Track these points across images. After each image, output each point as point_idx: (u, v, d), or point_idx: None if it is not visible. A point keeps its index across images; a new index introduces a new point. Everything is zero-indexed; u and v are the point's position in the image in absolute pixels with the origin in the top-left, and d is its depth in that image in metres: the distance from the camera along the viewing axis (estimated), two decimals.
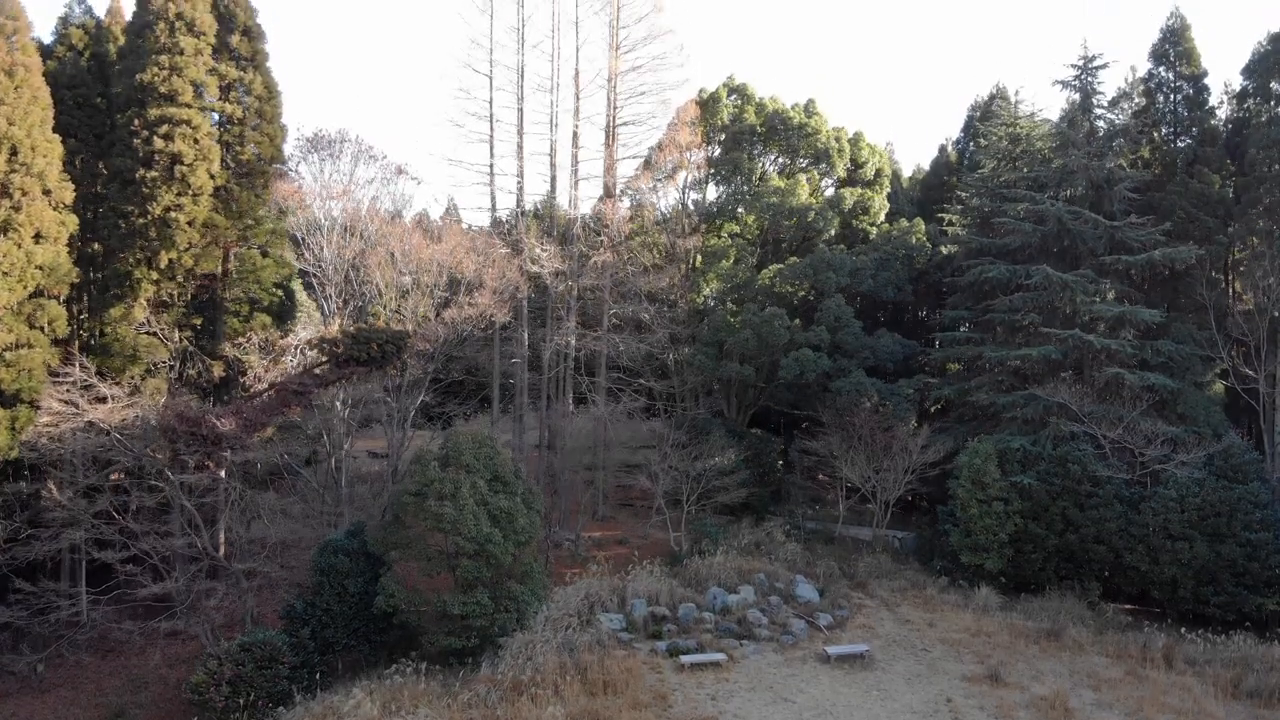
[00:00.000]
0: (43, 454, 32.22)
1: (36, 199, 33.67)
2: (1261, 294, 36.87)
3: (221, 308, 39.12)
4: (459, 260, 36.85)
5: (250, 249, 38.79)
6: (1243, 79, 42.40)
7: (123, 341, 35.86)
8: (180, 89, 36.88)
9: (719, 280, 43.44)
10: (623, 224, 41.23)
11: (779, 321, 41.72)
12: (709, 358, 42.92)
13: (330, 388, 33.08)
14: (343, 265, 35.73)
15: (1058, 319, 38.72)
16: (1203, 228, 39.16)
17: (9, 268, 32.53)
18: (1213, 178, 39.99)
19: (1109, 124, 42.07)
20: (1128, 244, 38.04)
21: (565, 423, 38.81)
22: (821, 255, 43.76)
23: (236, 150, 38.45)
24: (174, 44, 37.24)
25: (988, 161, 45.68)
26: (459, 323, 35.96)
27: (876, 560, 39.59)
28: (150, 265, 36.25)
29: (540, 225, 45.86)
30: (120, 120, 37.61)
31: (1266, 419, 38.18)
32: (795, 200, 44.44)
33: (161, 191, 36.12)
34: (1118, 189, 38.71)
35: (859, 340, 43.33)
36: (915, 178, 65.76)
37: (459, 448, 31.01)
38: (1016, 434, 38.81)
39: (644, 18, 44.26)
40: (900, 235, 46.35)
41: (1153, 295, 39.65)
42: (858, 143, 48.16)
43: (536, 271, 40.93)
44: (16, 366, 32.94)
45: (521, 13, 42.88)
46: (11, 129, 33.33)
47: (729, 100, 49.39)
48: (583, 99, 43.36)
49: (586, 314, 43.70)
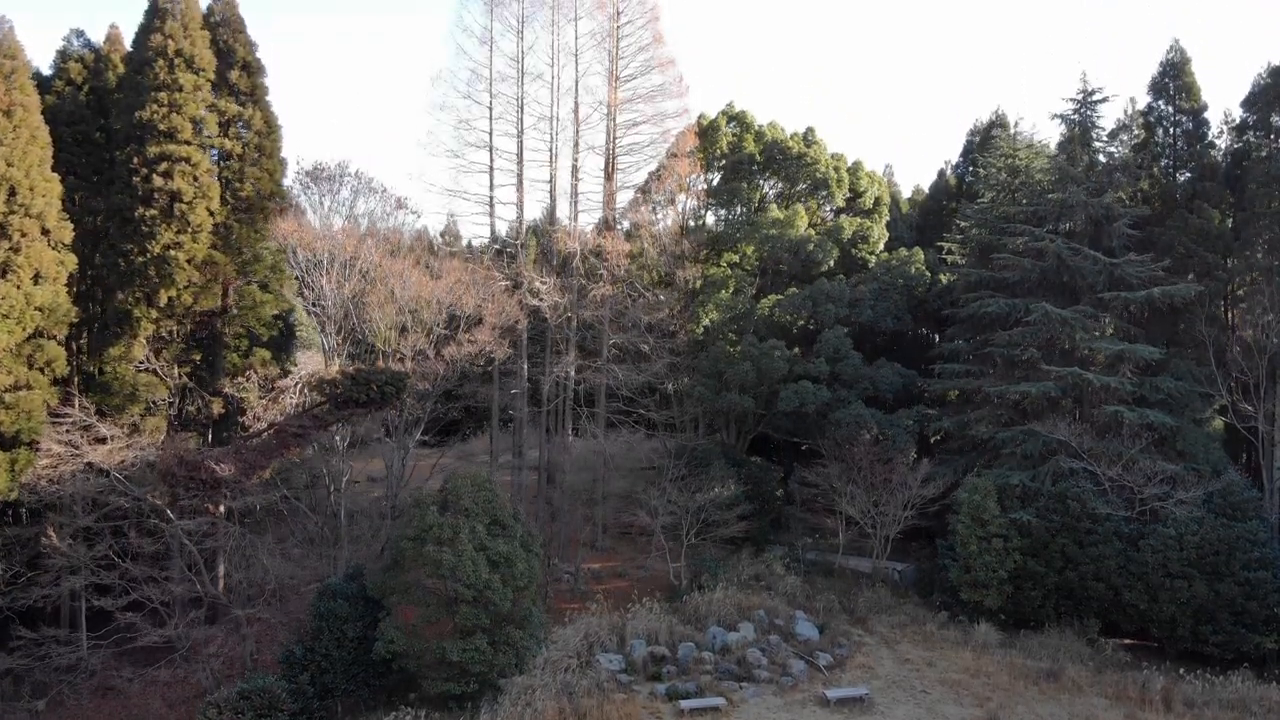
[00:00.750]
0: (42, 496, 32.25)
1: (35, 240, 33.67)
2: (1260, 331, 36.88)
3: (221, 343, 39.12)
4: (458, 297, 36.84)
5: (250, 284, 38.81)
6: (1242, 111, 42.42)
7: (122, 380, 35.87)
8: (179, 126, 36.88)
9: (718, 311, 43.46)
10: (622, 257, 41.21)
11: (778, 353, 41.73)
12: (709, 389, 42.93)
13: (329, 429, 33.05)
14: (343, 301, 35.71)
15: (1057, 353, 38.74)
16: (1202, 263, 39.18)
17: (8, 310, 32.54)
18: (1212, 213, 40.00)
19: (1109, 156, 42.10)
20: (1127, 280, 38.06)
21: (564, 457, 38.81)
22: (820, 287, 43.77)
23: (236, 186, 38.45)
24: (173, 80, 37.23)
25: (986, 192, 45.67)
26: (458, 360, 35.95)
27: (876, 595, 39.58)
28: (150, 303, 36.26)
29: (540, 242, 45.81)
30: (119, 156, 37.61)
31: (1265, 455, 38.19)
32: (794, 232, 44.44)
33: (161, 229, 36.12)
34: (1117, 225, 38.74)
35: (858, 371, 43.35)
36: (915, 199, 65.79)
37: (458, 491, 31.03)
38: (1016, 469, 38.82)
39: (644, 48, 44.31)
40: (899, 265, 46.36)
41: (1152, 330, 39.65)
42: (856, 171, 48.17)
43: (536, 304, 40.93)
44: (16, 408, 32.94)
45: (521, 44, 42.93)
46: (10, 170, 33.32)
47: (728, 128, 49.40)
48: (583, 131, 43.41)
49: (586, 345, 43.72)
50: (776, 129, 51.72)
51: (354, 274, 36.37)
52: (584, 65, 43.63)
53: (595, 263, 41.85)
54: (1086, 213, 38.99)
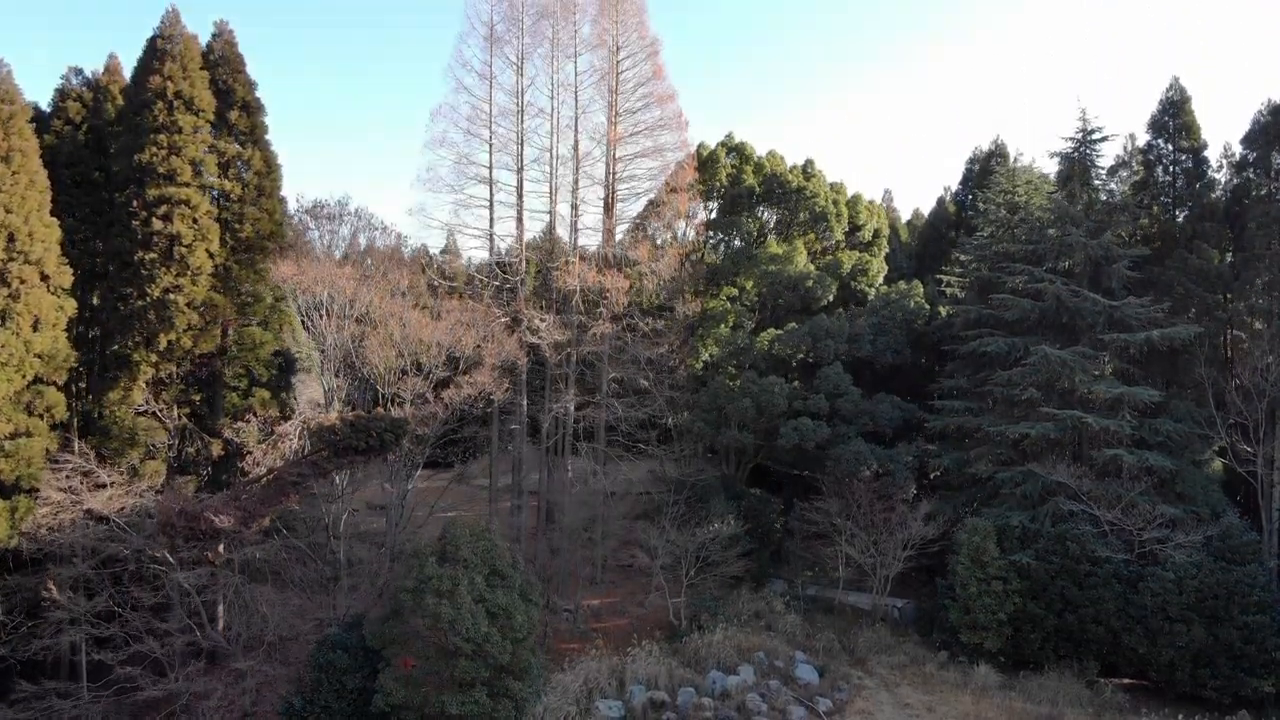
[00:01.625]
0: (42, 544, 32.25)
1: (34, 286, 33.63)
2: (1259, 374, 36.88)
3: (221, 382, 39.13)
4: (458, 338, 36.85)
5: (249, 325, 38.79)
6: (1242, 148, 42.37)
7: (121, 424, 35.87)
8: (179, 168, 36.86)
9: (718, 345, 43.45)
10: (621, 294, 41.21)
11: (778, 390, 41.78)
12: (708, 424, 42.96)
13: (328, 476, 33.05)
14: (343, 343, 35.73)
15: (1056, 393, 38.74)
16: (1201, 303, 39.17)
17: (7, 358, 32.52)
18: (1211, 253, 39.99)
19: (1108, 194, 42.09)
20: (1126, 322, 38.06)
21: (564, 496, 38.83)
22: (820, 323, 43.79)
23: (235, 228, 38.46)
24: (172, 122, 37.21)
25: (985, 226, 45.69)
26: (457, 403, 35.96)
27: (876, 634, 39.58)
28: (149, 347, 36.25)
29: (539, 273, 45.76)
30: (119, 199, 37.62)
31: (1264, 497, 38.19)
32: (793, 268, 44.45)
33: (160, 273, 36.13)
34: (1116, 267, 38.75)
35: (858, 406, 43.38)
36: (915, 224, 65.88)
37: (456, 541, 31.01)
38: (1015, 508, 38.84)
39: (643, 83, 44.30)
40: (899, 298, 46.37)
41: (1151, 370, 39.64)
42: (856, 204, 48.17)
43: (535, 342, 40.94)
44: (16, 456, 32.95)
45: (520, 80, 42.93)
46: (9, 216, 33.28)
47: (727, 160, 49.42)
48: (582, 166, 43.42)
49: (586, 380, 43.74)
50: (776, 159, 51.72)
51: (354, 315, 36.38)
52: (583, 101, 43.69)
53: (595, 298, 41.85)
54: (1086, 253, 39.00)
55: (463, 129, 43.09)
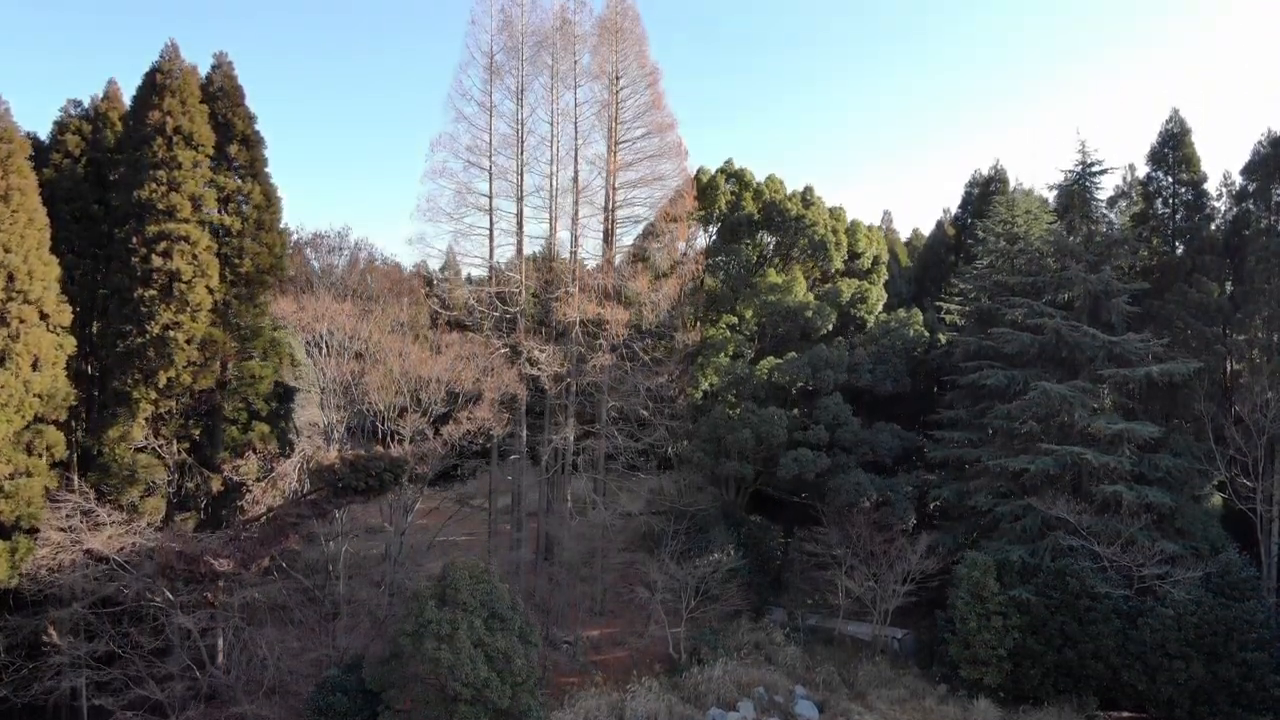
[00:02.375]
0: (42, 585, 32.26)
1: (34, 325, 33.62)
2: (1259, 410, 36.88)
3: (221, 416, 39.05)
4: (458, 374, 36.87)
5: (249, 359, 38.71)
6: (1242, 178, 42.37)
7: (121, 461, 35.81)
8: (178, 204, 36.79)
9: (717, 375, 43.48)
10: (620, 326, 41.23)
11: (778, 420, 41.84)
12: (707, 454, 42.99)
13: (328, 517, 33.08)
14: (344, 380, 35.76)
15: (1056, 427, 38.77)
16: (1201, 337, 39.16)
17: (6, 399, 32.51)
18: (1211, 286, 39.98)
19: (1107, 225, 42.09)
20: (1126, 357, 38.06)
21: (562, 530, 38.85)
22: (819, 353, 43.81)
23: (235, 263, 38.40)
24: (172, 158, 37.15)
25: (985, 256, 45.71)
26: (457, 439, 35.99)
27: (876, 668, 39.59)
28: (148, 384, 36.19)
29: (538, 303, 45.76)
30: (118, 234, 37.56)
31: (1263, 534, 38.22)
32: (792, 298, 44.47)
33: (159, 310, 36.07)
34: (1115, 302, 38.74)
35: (857, 436, 43.42)
36: (914, 244, 65.86)
37: (456, 584, 31.04)
38: (1015, 542, 38.86)
39: (643, 113, 44.34)
40: (898, 326, 46.38)
41: (1151, 405, 39.66)
42: (855, 232, 48.17)
43: (535, 374, 40.96)
44: (16, 496, 32.95)
45: (520, 111, 42.96)
46: (8, 256, 33.25)
47: (726, 186, 49.42)
48: (582, 197, 43.42)
49: (585, 412, 43.76)
50: (775, 184, 51.71)
51: (354, 350, 36.42)
52: (583, 131, 43.73)
53: (595, 330, 41.89)
54: (1085, 288, 39.00)
55: (463, 159, 43.22)
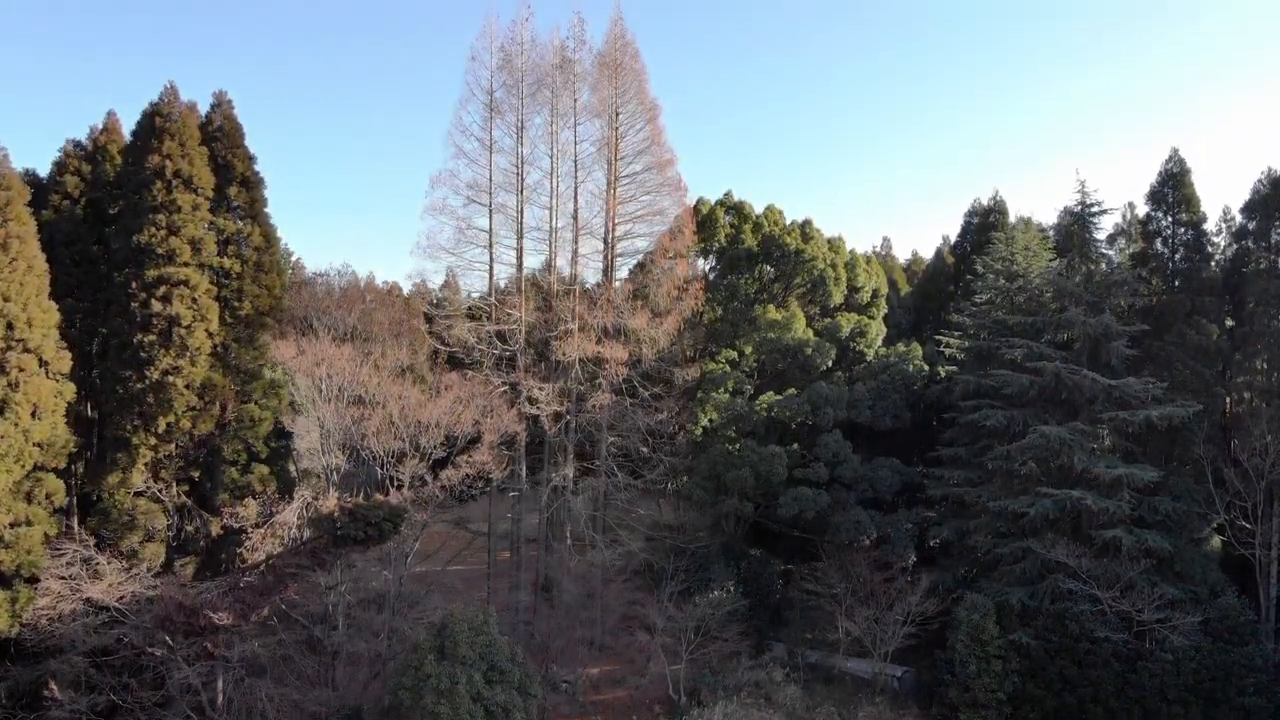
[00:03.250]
0: (42, 634, 32.26)
1: (33, 374, 33.60)
2: (1258, 455, 36.87)
3: (220, 458, 38.97)
4: (457, 416, 36.88)
5: (249, 402, 38.64)
6: (1241, 216, 42.40)
7: (120, 507, 35.79)
8: (178, 248, 36.77)
9: (717, 411, 43.50)
10: (620, 365, 41.26)
11: (778, 459, 41.86)
12: (707, 491, 43.01)
13: (326, 567, 33.09)
14: (344, 427, 35.78)
15: (1055, 468, 38.77)
16: (1200, 379, 39.13)
17: (6, 449, 32.53)
18: (1210, 328, 39.95)
19: (1106, 262, 42.07)
20: (1126, 400, 38.08)
21: (562, 574, 38.87)
22: (819, 390, 43.82)
23: (235, 305, 38.37)
24: (171, 201, 37.12)
25: (984, 291, 45.74)
26: (456, 484, 36.00)
27: (876, 709, 39.54)
28: (148, 430, 36.15)
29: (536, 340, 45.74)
30: (117, 278, 37.56)
31: (1262, 574, 38.23)
32: (791, 335, 44.48)
33: (159, 354, 36.05)
34: (1115, 345, 38.74)
35: (857, 472, 43.45)
36: (913, 269, 65.89)
37: (455, 636, 31.02)
38: (1015, 584, 38.85)
39: (643, 150, 44.37)
40: (898, 361, 46.39)
41: (1150, 447, 39.65)
42: (854, 266, 48.18)
43: (534, 413, 40.98)
44: (16, 546, 32.97)
45: (521, 150, 42.96)
46: (8, 305, 33.25)
47: (726, 219, 49.42)
48: (582, 234, 43.48)
49: (585, 449, 43.79)
50: (775, 214, 51.73)
51: (354, 395, 36.43)
52: (583, 168, 43.77)
53: (594, 368, 41.92)
54: (1085, 331, 39.01)
55: (463, 195, 43.26)
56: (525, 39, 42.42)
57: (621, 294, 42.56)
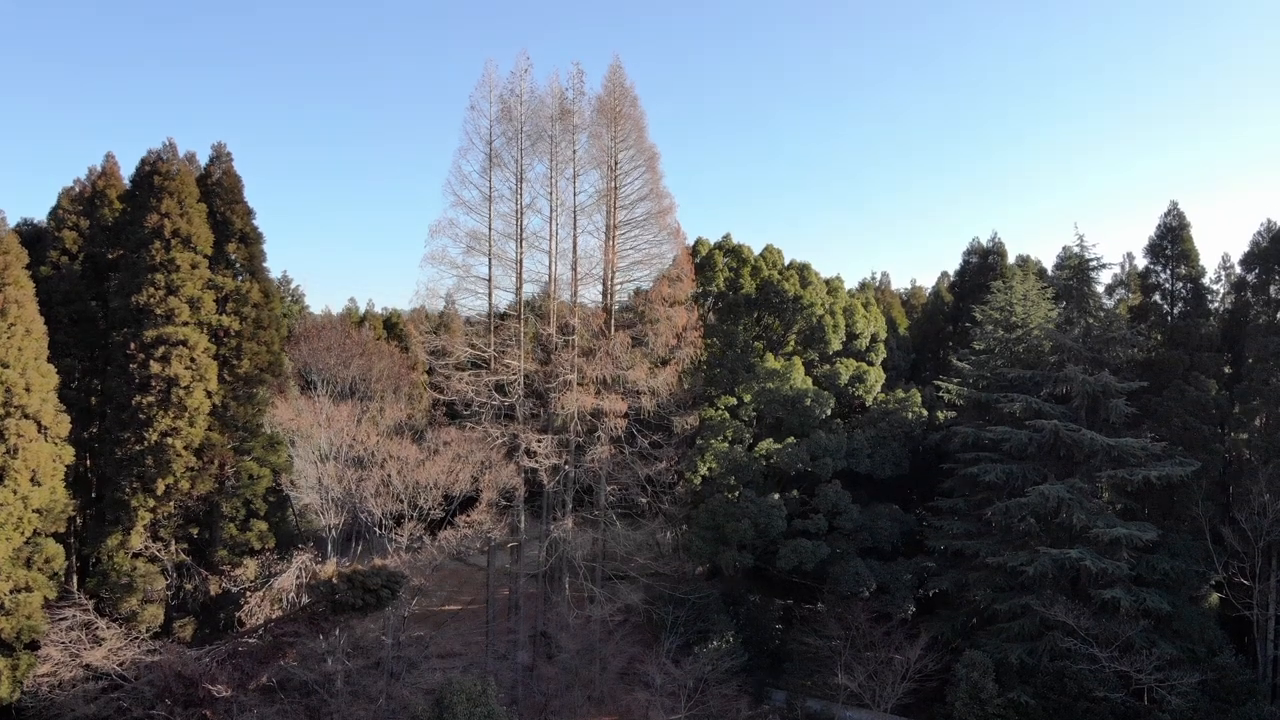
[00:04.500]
0: (43, 701, 32.31)
1: (32, 439, 33.57)
2: (1257, 514, 36.85)
3: (219, 514, 39.02)
4: (455, 475, 36.90)
5: (247, 459, 38.68)
6: (1241, 269, 42.38)
7: (119, 570, 35.84)
8: (176, 308, 36.85)
9: (716, 461, 43.49)
10: (619, 417, 41.24)
11: (777, 512, 41.87)
12: (707, 542, 42.99)
13: (325, 635, 33.10)
14: (343, 491, 35.80)
15: (1054, 524, 38.75)
16: (1198, 435, 39.11)
17: (6, 517, 32.52)
18: (1209, 384, 39.90)
19: (1106, 314, 42.01)
20: (1124, 459, 38.07)
21: (562, 631, 38.88)
22: (818, 441, 43.80)
23: (234, 364, 38.44)
24: (170, 260, 37.18)
25: (982, 340, 45.76)
26: (454, 545, 36.01)
27: None
28: (147, 492, 36.19)
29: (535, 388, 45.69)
30: (116, 338, 37.63)
31: (1260, 633, 38.23)
32: (790, 386, 44.43)
33: (158, 416, 36.09)
34: (1114, 403, 38.74)
35: (856, 523, 43.43)
36: (912, 303, 65.72)
37: (454, 709, 31.03)
38: (1013, 639, 38.85)
39: (642, 199, 44.36)
40: (896, 408, 46.33)
41: (1149, 503, 39.65)
42: (852, 313, 48.08)
43: (533, 466, 40.97)
44: (17, 613, 32.99)
45: (520, 201, 42.89)
46: (6, 372, 33.22)
47: (724, 262, 49.32)
48: (581, 284, 43.44)
49: (584, 501, 43.77)
50: (773, 254, 51.65)
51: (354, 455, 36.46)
52: (583, 217, 43.72)
53: (594, 420, 41.93)
54: (1084, 389, 39.00)
55: (462, 244, 43.14)
56: (524, 90, 42.36)
57: (620, 345, 42.50)
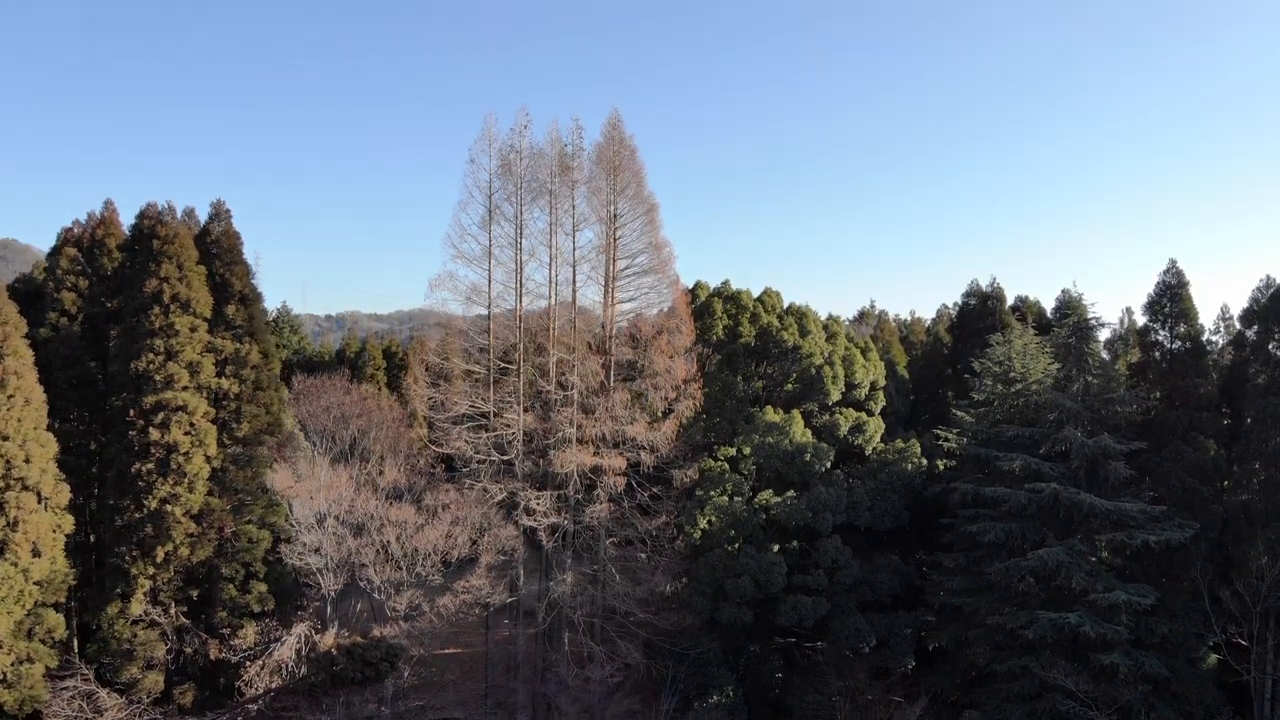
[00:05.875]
0: None
1: (32, 511, 33.63)
2: (1255, 577, 36.90)
3: (219, 576, 38.98)
4: (455, 541, 36.98)
5: (247, 523, 38.66)
6: (1240, 324, 42.37)
7: (119, 638, 35.86)
8: (176, 373, 36.83)
9: (716, 515, 43.53)
10: (618, 475, 41.29)
11: (777, 570, 41.91)
12: (706, 598, 42.99)
13: (324, 708, 33.20)
14: (340, 555, 35.87)
15: (1054, 586, 38.81)
16: (1197, 496, 39.14)
17: (7, 592, 32.59)
18: (1208, 444, 39.90)
19: (1104, 370, 42.02)
20: (1124, 522, 38.13)
21: (561, 695, 38.94)
22: (818, 495, 43.80)
23: (233, 427, 38.43)
24: (169, 326, 37.17)
25: (981, 392, 45.80)
26: (453, 613, 36.11)
27: None
28: (146, 560, 36.17)
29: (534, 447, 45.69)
30: (115, 403, 37.66)
31: (1258, 696, 38.29)
32: (790, 440, 44.41)
33: (157, 483, 36.09)
34: (1114, 466, 38.80)
35: (856, 577, 43.44)
36: (911, 339, 65.71)
37: None
38: (1013, 700, 38.93)
39: (641, 252, 44.48)
40: (896, 459, 46.33)
41: (1148, 565, 39.69)
42: (851, 362, 48.01)
43: (532, 525, 41.03)
44: (19, 685, 33.10)
45: (519, 256, 42.99)
46: (6, 444, 33.27)
47: (723, 310, 49.30)
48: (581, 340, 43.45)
49: (582, 555, 43.80)
50: (772, 298, 51.64)
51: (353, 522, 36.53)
52: (582, 270, 43.78)
53: (593, 478, 41.99)
54: (1083, 452, 39.06)
55: (462, 298, 43.37)
56: (524, 147, 42.42)
57: (621, 403, 42.54)
